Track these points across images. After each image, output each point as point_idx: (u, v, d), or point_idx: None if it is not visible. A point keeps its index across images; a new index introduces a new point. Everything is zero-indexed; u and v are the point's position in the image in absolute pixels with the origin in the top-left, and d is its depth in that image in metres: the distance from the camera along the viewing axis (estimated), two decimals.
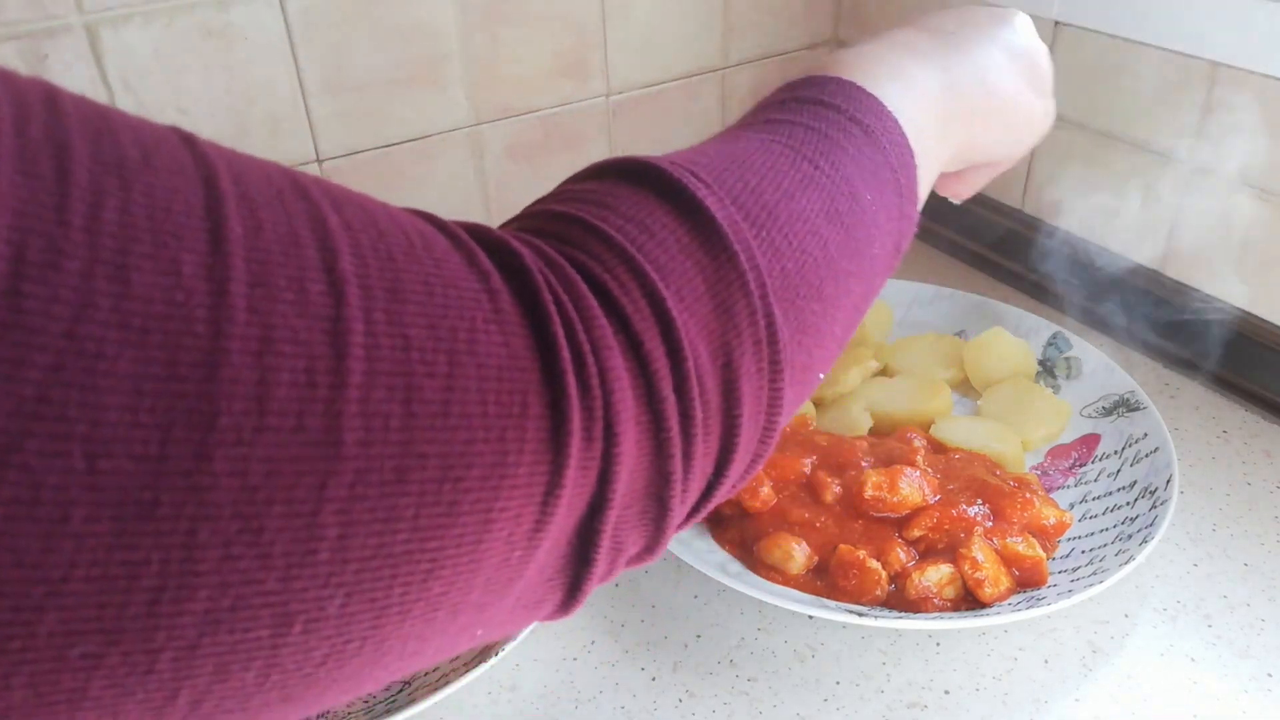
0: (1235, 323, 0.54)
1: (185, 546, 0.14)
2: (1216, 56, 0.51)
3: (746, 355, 0.21)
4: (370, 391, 0.15)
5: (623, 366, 0.18)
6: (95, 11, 0.51)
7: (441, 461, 0.16)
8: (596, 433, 0.18)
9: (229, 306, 0.14)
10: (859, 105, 0.26)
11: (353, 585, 0.15)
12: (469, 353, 0.16)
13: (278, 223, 0.15)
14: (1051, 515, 0.44)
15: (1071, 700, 0.39)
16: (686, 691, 0.40)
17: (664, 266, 0.20)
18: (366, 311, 0.15)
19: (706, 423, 0.20)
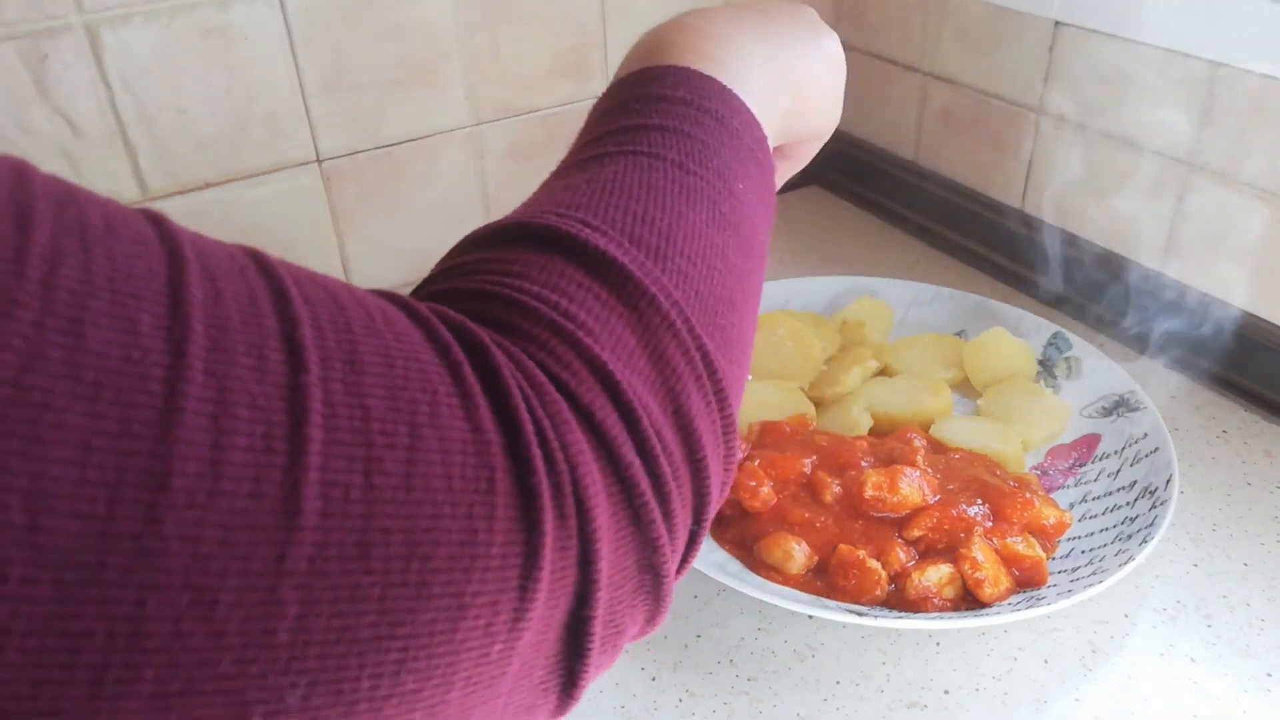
0: (1235, 322, 0.54)
1: (132, 619, 0.13)
2: (1216, 56, 0.51)
3: (693, 396, 0.21)
4: (329, 460, 0.15)
5: (583, 440, 0.18)
6: (95, 11, 0.51)
7: (406, 538, 0.15)
8: (569, 509, 0.17)
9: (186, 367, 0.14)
10: (705, 93, 0.26)
11: (316, 673, 0.14)
12: (431, 425, 0.16)
13: (239, 293, 0.15)
14: (1051, 515, 0.44)
15: (1071, 700, 0.39)
16: (686, 691, 0.40)
17: (595, 331, 0.20)
18: (325, 381, 0.15)
19: (677, 476, 0.20)
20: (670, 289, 0.21)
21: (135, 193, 0.56)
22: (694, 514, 0.21)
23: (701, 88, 0.26)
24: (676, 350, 0.21)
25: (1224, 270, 0.54)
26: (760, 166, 0.27)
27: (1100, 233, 0.60)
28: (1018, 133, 0.64)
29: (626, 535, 0.19)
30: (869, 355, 0.55)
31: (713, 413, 0.21)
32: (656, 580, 0.20)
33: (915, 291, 0.61)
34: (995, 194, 0.67)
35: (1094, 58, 0.57)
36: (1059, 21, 0.59)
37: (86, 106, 0.53)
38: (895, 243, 0.72)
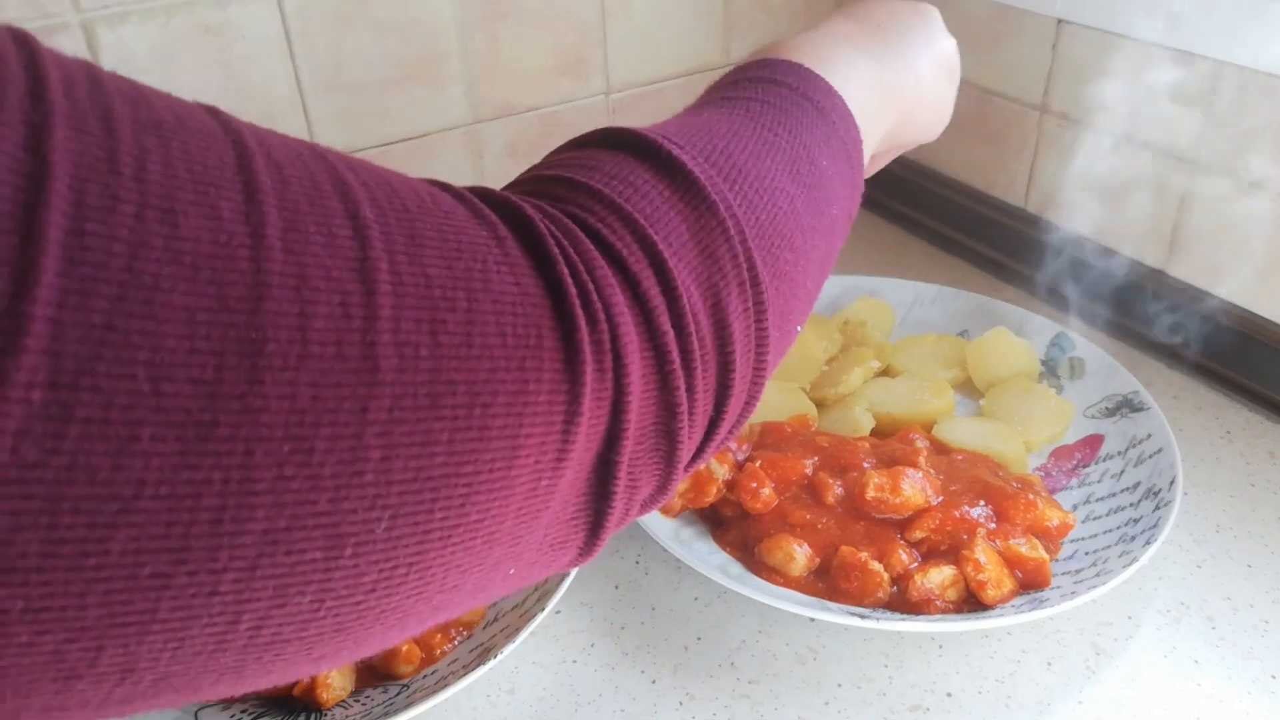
0: (1239, 323, 0.54)
1: (243, 467, 0.14)
2: (1221, 55, 0.51)
3: (733, 296, 0.22)
4: (400, 323, 0.16)
5: (624, 303, 0.20)
6: (92, 10, 0.51)
7: (469, 388, 0.17)
8: (607, 364, 0.19)
9: (266, 247, 0.15)
10: (809, 84, 0.28)
11: (397, 507, 0.16)
12: (484, 290, 0.18)
13: (302, 178, 0.17)
14: (1054, 517, 0.44)
15: (1074, 702, 0.39)
16: (687, 694, 0.40)
17: (651, 216, 0.21)
18: (389, 254, 0.17)
19: (704, 358, 0.22)
20: (733, 205, 0.23)
21: None
22: (715, 402, 0.22)
23: (805, 78, 0.28)
24: (726, 252, 0.22)
25: (1228, 270, 0.54)
26: (850, 159, 0.28)
27: (1104, 232, 0.60)
28: (1021, 131, 0.63)
29: (653, 395, 0.21)
30: (871, 355, 0.55)
31: (749, 319, 0.23)
32: (672, 445, 0.21)
33: (917, 291, 0.60)
34: (998, 193, 0.67)
35: (1097, 56, 0.57)
36: (1062, 19, 0.58)
37: None
38: (897, 242, 0.72)
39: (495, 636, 0.40)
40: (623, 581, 0.45)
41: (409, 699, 0.37)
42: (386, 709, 0.37)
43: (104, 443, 0.13)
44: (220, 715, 0.38)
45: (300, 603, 0.16)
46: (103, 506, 0.13)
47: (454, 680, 0.37)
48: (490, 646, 0.39)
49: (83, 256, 0.13)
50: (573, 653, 0.42)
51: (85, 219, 0.13)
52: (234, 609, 0.15)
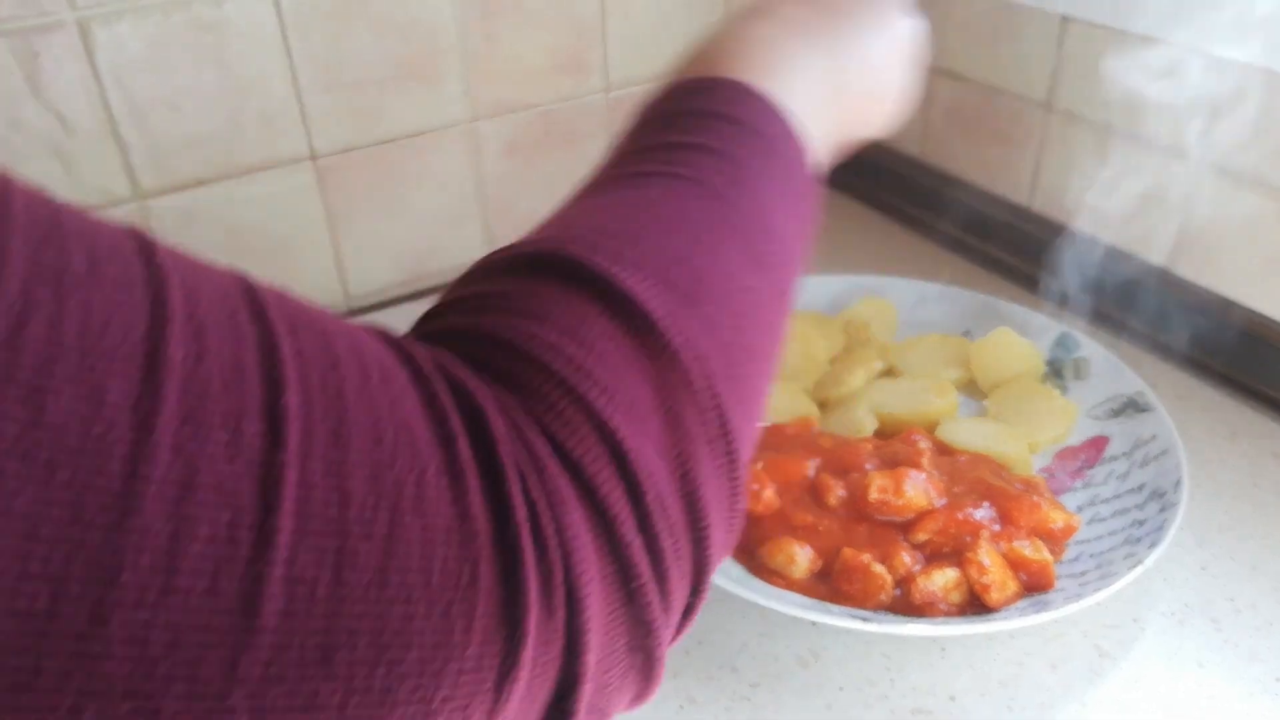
0: (1244, 323, 0.53)
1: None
2: (1226, 53, 0.50)
3: (703, 459, 0.20)
4: (298, 553, 0.14)
5: (581, 519, 0.17)
6: (87, 7, 0.50)
7: (374, 640, 0.14)
8: (557, 601, 0.16)
9: (152, 444, 0.13)
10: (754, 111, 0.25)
11: None
12: (414, 511, 0.15)
13: (223, 349, 0.14)
14: (1059, 518, 0.43)
15: (1079, 705, 0.38)
16: (688, 698, 0.39)
17: (610, 387, 0.18)
18: (304, 458, 0.14)
19: (677, 550, 0.19)
20: (696, 339, 0.20)
21: (127, 190, 0.56)
22: (692, 586, 0.20)
23: (750, 105, 0.25)
24: (692, 411, 0.20)
25: (1233, 269, 0.54)
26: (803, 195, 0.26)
27: (1109, 231, 0.60)
28: (1025, 129, 0.63)
29: (618, 618, 0.18)
30: (874, 356, 0.54)
31: (721, 477, 0.20)
32: (648, 661, 0.19)
33: (920, 291, 0.60)
34: (1002, 191, 0.66)
35: (1102, 53, 0.56)
36: (1066, 16, 0.58)
37: (78, 103, 0.52)
38: (900, 241, 0.72)
39: None
40: None
41: None
42: None
43: None
44: None
45: None
46: None
47: None
48: None
49: None
50: None
51: None
52: None
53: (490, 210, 0.68)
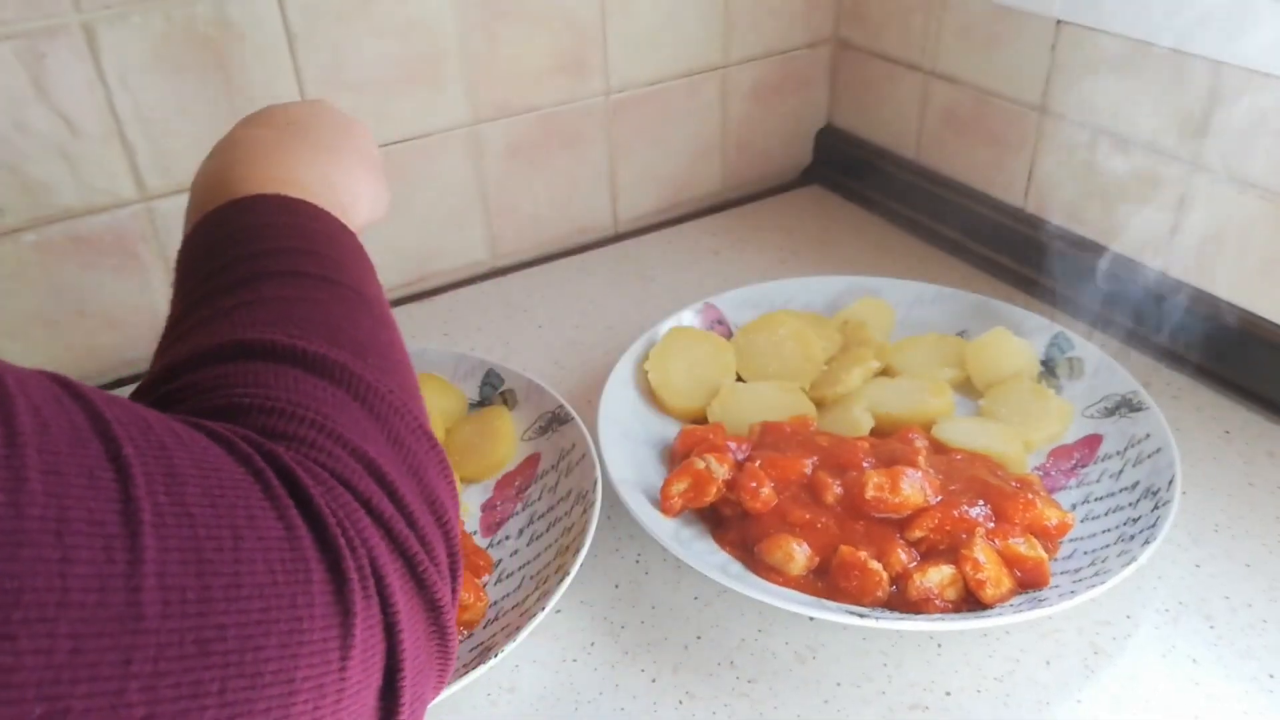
0: (1239, 322, 0.54)
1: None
2: (1219, 56, 0.51)
3: (430, 465, 0.24)
4: (165, 566, 0.16)
5: (368, 523, 0.21)
6: (92, 10, 0.51)
7: (240, 631, 0.17)
8: (371, 588, 0.20)
9: (27, 491, 0.15)
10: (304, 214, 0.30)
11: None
12: (249, 527, 0.18)
13: (61, 421, 0.16)
14: (1053, 516, 0.44)
15: (1073, 701, 0.39)
16: (687, 693, 0.40)
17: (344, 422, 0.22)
18: (151, 493, 0.17)
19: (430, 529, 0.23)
20: (379, 380, 0.25)
21: (133, 192, 0.56)
22: (450, 573, 0.24)
23: (283, 206, 0.30)
24: (406, 429, 0.24)
25: (1226, 270, 0.54)
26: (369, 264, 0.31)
27: (1103, 232, 0.60)
28: (1020, 132, 0.64)
29: (415, 603, 0.21)
30: (870, 355, 0.55)
31: (431, 461, 0.24)
32: (443, 638, 0.22)
33: (917, 291, 0.60)
34: (997, 193, 0.67)
35: (1096, 56, 0.57)
36: (1060, 20, 0.58)
37: (84, 106, 0.52)
38: (897, 242, 0.72)
39: (496, 635, 0.40)
40: (623, 581, 0.45)
41: None
42: None
43: None
44: None
45: None
46: None
47: (455, 679, 0.37)
48: (491, 645, 0.39)
49: None
50: (573, 651, 0.42)
51: None
52: None
53: (492, 211, 0.69)
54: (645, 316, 0.62)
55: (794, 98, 0.77)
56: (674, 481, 0.46)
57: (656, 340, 0.56)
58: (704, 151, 0.75)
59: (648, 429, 0.52)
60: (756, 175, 0.79)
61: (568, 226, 0.72)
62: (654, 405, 0.54)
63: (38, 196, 0.54)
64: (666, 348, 0.55)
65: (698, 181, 0.76)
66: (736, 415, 0.51)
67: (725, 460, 0.46)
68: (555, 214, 0.71)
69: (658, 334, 0.57)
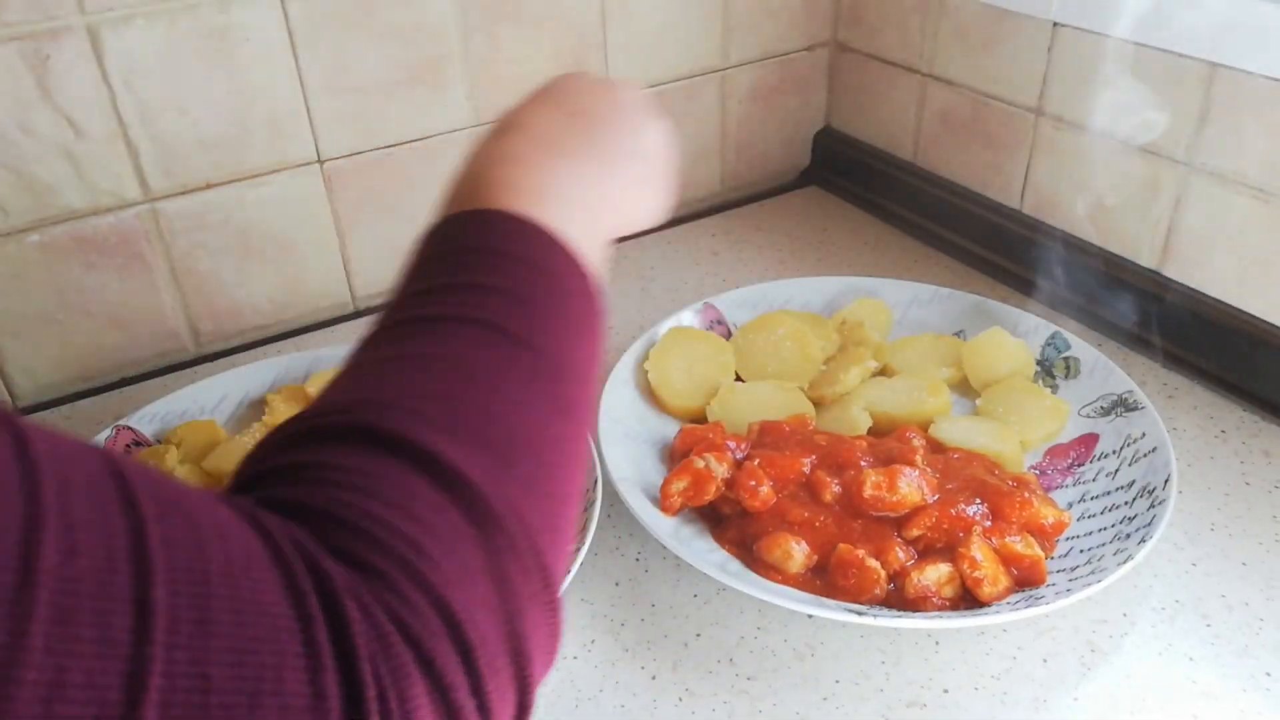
0: (1234, 322, 0.54)
1: None
2: (1214, 57, 0.51)
3: (528, 611, 0.21)
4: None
5: (422, 691, 0.19)
6: (97, 12, 0.51)
7: None
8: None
9: (25, 649, 0.13)
10: (533, 246, 0.26)
11: None
12: (273, 693, 0.16)
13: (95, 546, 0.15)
14: (1050, 515, 0.44)
15: (1070, 699, 0.39)
16: (686, 690, 0.40)
17: (443, 562, 0.20)
18: (169, 649, 0.15)
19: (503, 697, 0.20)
20: (517, 502, 0.22)
21: (137, 193, 0.56)
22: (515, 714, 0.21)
23: (529, 239, 0.26)
24: (518, 571, 0.21)
25: (1221, 270, 0.55)
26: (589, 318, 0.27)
27: (1099, 233, 0.60)
28: (1016, 133, 0.64)
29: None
30: (868, 355, 0.55)
31: (544, 622, 0.22)
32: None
33: (914, 291, 0.61)
34: (994, 194, 0.67)
35: (1092, 58, 0.57)
36: (1057, 22, 0.59)
37: (88, 107, 0.53)
38: (894, 243, 0.72)
39: None
40: (623, 578, 0.45)
41: None
42: None
43: None
44: None
45: None
46: None
47: None
48: None
49: None
50: (573, 649, 0.42)
51: None
52: None
53: None
54: (645, 316, 0.63)
55: (792, 100, 0.77)
56: (673, 480, 0.46)
57: (656, 340, 0.56)
58: (703, 153, 0.76)
59: (647, 428, 0.52)
60: (755, 177, 0.79)
61: None
62: (654, 404, 0.54)
63: (42, 197, 0.54)
64: (666, 347, 0.56)
65: (697, 183, 0.76)
66: (735, 414, 0.52)
67: (724, 459, 0.46)
68: None
69: (657, 334, 0.57)
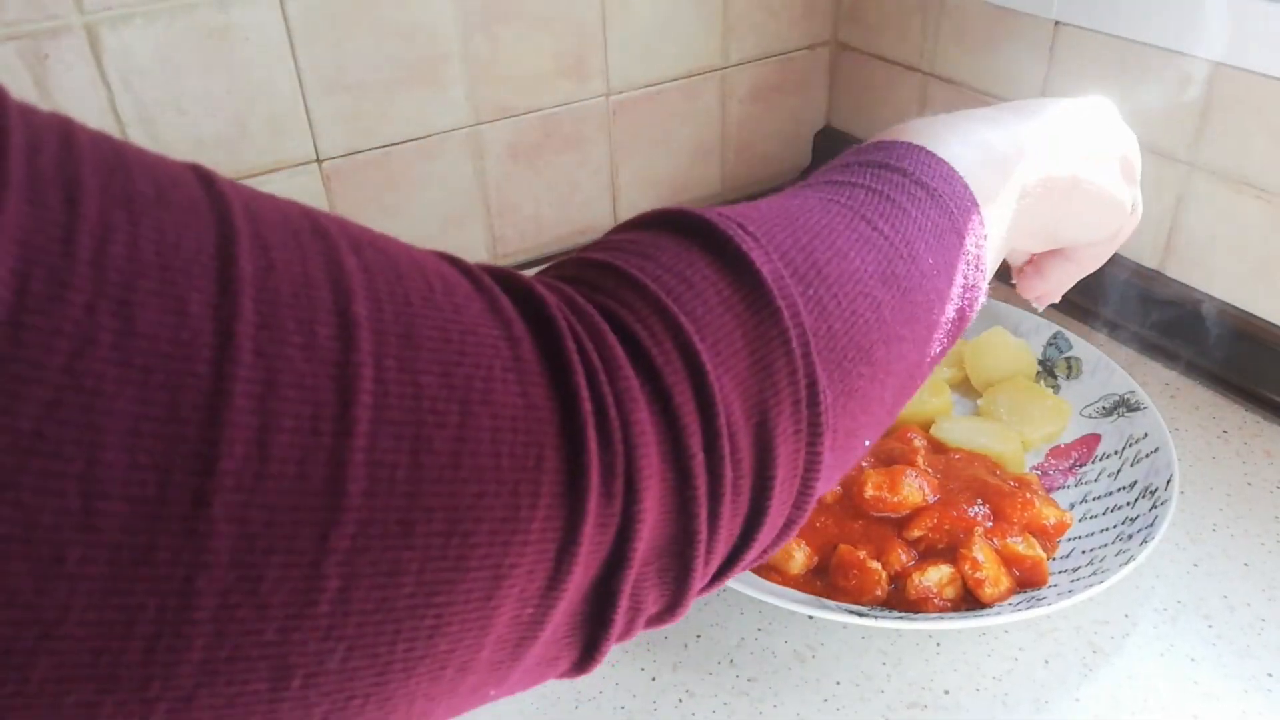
0: (1235, 322, 0.54)
1: (182, 594, 0.13)
2: (1216, 57, 0.51)
3: (784, 415, 0.20)
4: (376, 441, 0.15)
5: (649, 420, 0.18)
6: (95, 11, 0.51)
7: (449, 515, 0.15)
8: (617, 488, 0.17)
9: (234, 348, 0.14)
10: (926, 169, 0.26)
11: (354, 639, 0.15)
12: (483, 402, 0.16)
13: (290, 263, 0.15)
14: (1052, 515, 0.44)
15: (1071, 700, 0.39)
16: (686, 691, 0.40)
17: (701, 319, 0.19)
18: (377, 358, 0.15)
19: (737, 483, 0.20)
20: (801, 312, 0.21)
21: None
22: (744, 529, 0.20)
23: (923, 161, 0.26)
24: (784, 367, 0.20)
25: (1223, 270, 0.54)
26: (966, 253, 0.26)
27: None
28: None
29: (669, 518, 0.19)
30: None
31: (800, 441, 0.21)
32: (684, 570, 0.20)
33: None
34: None
35: (1094, 58, 0.57)
36: (1059, 22, 0.59)
37: (87, 107, 0.53)
38: None
39: None
40: None
41: None
42: None
43: (26, 564, 0.12)
44: None
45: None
46: (23, 633, 0.12)
47: None
48: None
49: (16, 353, 0.12)
50: None
51: (25, 309, 0.12)
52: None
53: (493, 213, 0.69)
54: None
55: (793, 99, 0.77)
56: None
57: None
58: (704, 153, 0.75)
59: None
60: (756, 176, 0.79)
61: (568, 227, 0.72)
62: None
63: None
64: None
65: (697, 183, 0.76)
66: None
67: None
68: (556, 215, 0.71)
69: None
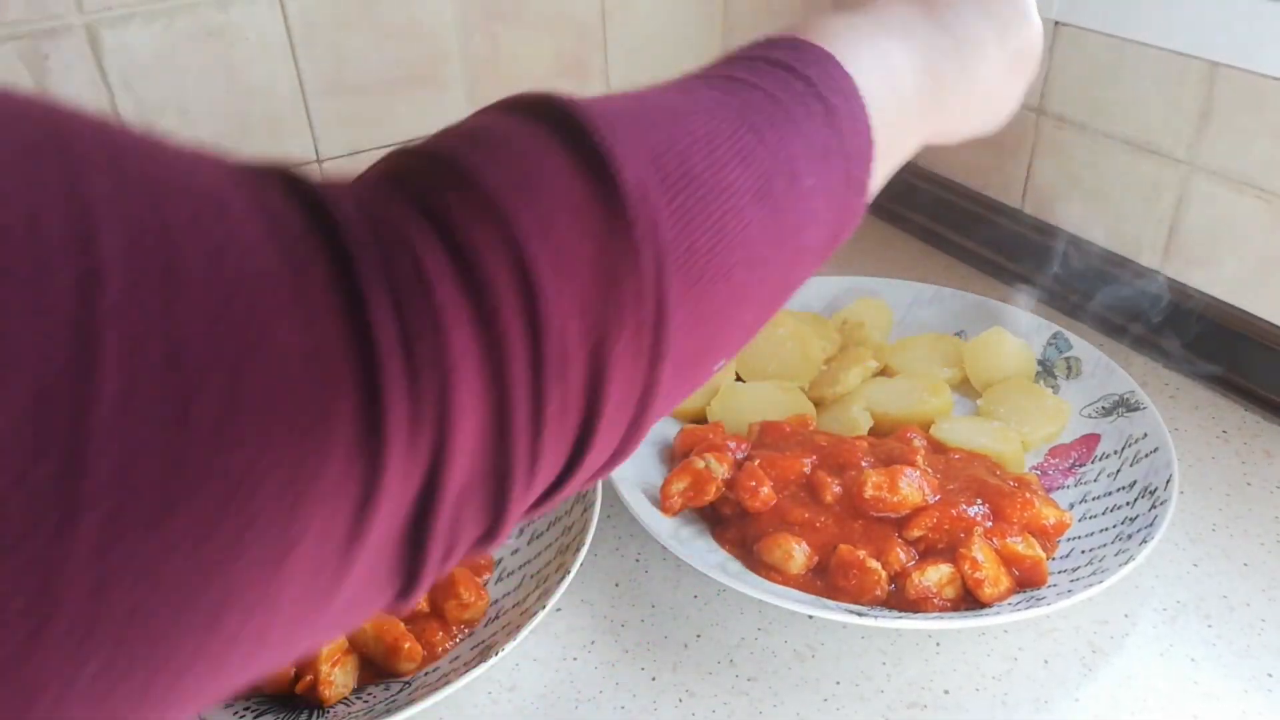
0: (1235, 323, 0.54)
1: None
2: (1216, 56, 0.51)
3: (625, 338, 0.18)
4: (129, 407, 0.12)
5: (468, 344, 0.16)
6: (95, 12, 0.51)
7: (224, 483, 0.13)
8: (426, 419, 0.15)
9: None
10: (830, 82, 0.24)
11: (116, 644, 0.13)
12: (258, 347, 0.14)
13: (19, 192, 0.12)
14: (1051, 515, 0.44)
15: (1071, 700, 0.39)
16: (686, 691, 0.40)
17: (544, 227, 0.17)
18: (124, 308, 0.12)
19: (564, 410, 0.18)
20: (661, 224, 0.19)
21: None
22: (569, 457, 0.19)
23: (832, 79, 0.24)
24: (631, 285, 0.18)
25: (1223, 270, 0.54)
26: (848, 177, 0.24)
27: (1100, 233, 0.60)
28: (1018, 133, 0.64)
29: (488, 444, 0.17)
30: (869, 355, 0.55)
31: (639, 367, 0.19)
32: (502, 496, 0.18)
33: (915, 291, 0.61)
34: (995, 194, 0.67)
35: (1093, 58, 0.57)
36: (1059, 21, 0.59)
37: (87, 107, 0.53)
38: (895, 243, 0.72)
39: (496, 634, 0.40)
40: (623, 579, 0.45)
41: (410, 696, 0.37)
42: (388, 706, 0.37)
43: None
44: (224, 714, 0.38)
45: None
46: None
47: (455, 677, 0.37)
48: (491, 644, 0.39)
49: None
50: (573, 650, 0.42)
51: None
52: None
53: None
54: None
55: None
56: (674, 480, 0.46)
57: None
58: None
59: None
60: None
61: None
62: None
63: None
64: None
65: None
66: (736, 414, 0.52)
67: (725, 459, 0.46)
68: None
69: None
